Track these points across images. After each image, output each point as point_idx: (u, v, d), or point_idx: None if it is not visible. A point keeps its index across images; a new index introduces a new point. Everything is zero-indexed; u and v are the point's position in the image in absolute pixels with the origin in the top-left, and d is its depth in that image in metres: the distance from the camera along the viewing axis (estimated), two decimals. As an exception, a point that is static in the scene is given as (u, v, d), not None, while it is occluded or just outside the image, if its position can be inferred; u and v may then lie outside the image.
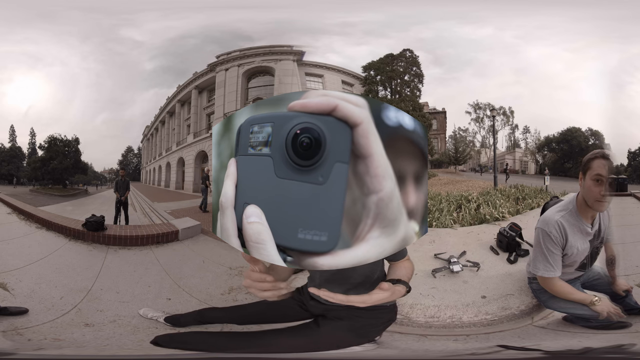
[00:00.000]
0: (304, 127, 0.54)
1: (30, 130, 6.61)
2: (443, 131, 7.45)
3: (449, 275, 2.86)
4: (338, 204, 0.54)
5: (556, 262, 1.98)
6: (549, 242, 1.96)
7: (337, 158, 0.54)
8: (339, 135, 0.54)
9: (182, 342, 1.73)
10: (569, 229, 1.96)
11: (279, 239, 0.56)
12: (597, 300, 1.99)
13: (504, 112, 7.27)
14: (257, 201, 0.57)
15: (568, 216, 1.98)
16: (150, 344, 1.75)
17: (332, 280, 1.49)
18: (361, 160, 0.56)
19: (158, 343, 1.72)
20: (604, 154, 1.85)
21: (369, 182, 0.56)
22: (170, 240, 4.04)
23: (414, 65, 6.68)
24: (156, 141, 8.25)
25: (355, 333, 1.58)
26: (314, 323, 1.61)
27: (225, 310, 2.00)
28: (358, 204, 0.58)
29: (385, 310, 1.61)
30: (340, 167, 0.54)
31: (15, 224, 4.34)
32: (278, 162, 0.55)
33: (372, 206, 0.57)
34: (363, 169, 0.56)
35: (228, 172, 0.59)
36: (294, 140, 0.54)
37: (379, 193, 0.56)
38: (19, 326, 2.18)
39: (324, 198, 0.54)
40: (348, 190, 0.56)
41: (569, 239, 1.96)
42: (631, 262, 2.95)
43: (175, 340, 1.79)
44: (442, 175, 7.24)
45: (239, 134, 0.59)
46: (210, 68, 6.65)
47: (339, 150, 0.54)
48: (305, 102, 0.55)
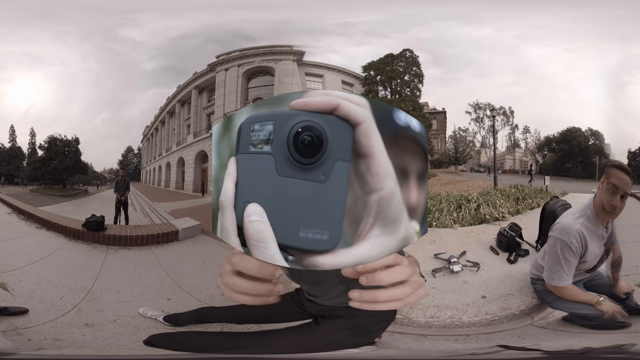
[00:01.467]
0: (305, 125, 0.54)
1: (30, 130, 6.63)
2: (443, 131, 7.46)
3: (449, 275, 2.86)
4: (339, 202, 0.54)
5: (571, 270, 1.96)
6: (568, 252, 1.92)
7: (339, 156, 0.54)
8: (340, 133, 0.54)
9: (179, 341, 1.72)
10: (588, 236, 1.93)
11: (281, 237, 0.56)
12: (603, 300, 2.00)
13: (504, 112, 7.28)
14: (258, 199, 0.57)
15: (587, 223, 1.95)
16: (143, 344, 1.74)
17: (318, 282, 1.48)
18: (362, 159, 0.56)
19: (151, 343, 1.70)
20: (626, 169, 1.88)
21: (370, 181, 0.56)
22: (170, 240, 4.04)
23: (414, 65, 6.68)
24: (156, 141, 8.25)
25: (352, 331, 1.58)
26: (314, 322, 1.61)
27: (224, 310, 2.00)
28: (359, 203, 0.58)
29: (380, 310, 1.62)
30: (342, 165, 0.54)
31: (15, 224, 4.34)
32: (279, 160, 0.55)
33: (373, 205, 0.57)
34: (364, 167, 0.56)
35: (228, 171, 0.60)
36: (296, 138, 0.54)
37: (380, 192, 0.56)
38: (19, 326, 2.18)
39: (326, 196, 0.54)
40: (349, 189, 0.56)
41: (589, 246, 1.94)
42: (631, 262, 2.95)
43: (171, 340, 1.79)
44: (442, 175, 7.24)
45: (240, 132, 0.60)
46: (210, 68, 6.65)
47: (340, 149, 0.54)
48: (307, 101, 0.56)
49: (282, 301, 1.74)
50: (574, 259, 1.93)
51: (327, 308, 1.60)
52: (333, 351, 1.62)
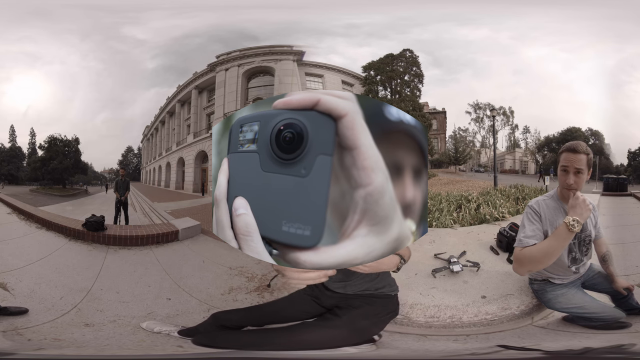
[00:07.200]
0: (287, 122, 0.56)
1: (30, 130, 6.61)
2: (443, 131, 7.45)
3: (449, 275, 2.86)
4: (321, 196, 0.54)
5: (533, 233, 1.95)
6: (529, 213, 2.06)
7: (320, 150, 0.54)
8: (321, 128, 0.55)
9: (216, 339, 1.77)
10: (546, 207, 2.06)
11: (265, 230, 0.58)
12: (573, 220, 1.76)
13: (504, 112, 7.28)
14: (245, 194, 0.60)
15: (549, 200, 2.11)
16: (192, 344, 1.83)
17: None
18: (347, 152, 0.55)
19: (200, 342, 1.81)
20: (569, 147, 2.00)
21: (356, 175, 0.54)
22: (170, 240, 4.04)
23: (414, 65, 6.68)
24: (156, 141, 8.25)
25: (370, 321, 1.65)
26: (333, 314, 1.64)
27: (240, 312, 2.00)
28: (347, 198, 0.56)
29: (390, 300, 1.70)
30: (323, 159, 0.54)
31: (15, 224, 4.34)
32: (264, 157, 0.58)
33: (359, 201, 0.55)
34: (350, 161, 0.55)
35: (221, 168, 0.62)
36: (278, 136, 0.56)
37: (367, 187, 0.54)
38: (19, 326, 2.17)
39: (307, 191, 0.55)
40: (336, 184, 0.55)
41: (546, 215, 2.04)
42: (631, 262, 2.95)
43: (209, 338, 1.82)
44: (442, 175, 7.23)
45: (231, 134, 0.63)
46: (210, 68, 6.65)
47: (322, 143, 0.54)
48: (288, 100, 0.57)
49: (298, 299, 1.79)
50: (535, 220, 2.02)
51: (345, 297, 1.65)
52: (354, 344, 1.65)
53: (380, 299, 1.67)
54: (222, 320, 1.90)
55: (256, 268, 3.26)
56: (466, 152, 7.62)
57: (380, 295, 1.67)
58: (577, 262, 2.15)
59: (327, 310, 1.70)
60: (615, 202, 5.39)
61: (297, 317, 1.72)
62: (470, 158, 7.73)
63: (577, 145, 1.99)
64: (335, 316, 1.62)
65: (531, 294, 2.41)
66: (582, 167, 1.96)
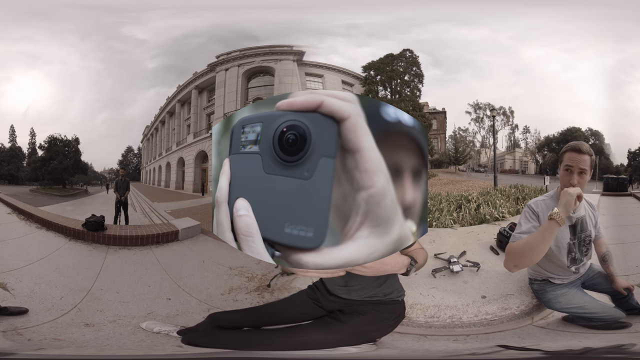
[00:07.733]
0: (290, 124, 0.55)
1: (30, 130, 6.61)
2: (443, 131, 7.45)
3: (449, 275, 2.86)
4: (324, 199, 0.54)
5: (530, 230, 1.94)
6: (527, 212, 2.05)
7: (323, 153, 0.54)
8: (324, 130, 0.55)
9: (210, 339, 1.77)
10: (546, 208, 2.01)
11: (268, 232, 0.57)
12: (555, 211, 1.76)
13: (504, 112, 7.28)
14: (247, 196, 0.59)
15: (549, 200, 2.07)
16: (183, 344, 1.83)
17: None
18: (350, 155, 0.55)
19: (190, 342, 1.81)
20: (574, 147, 1.97)
21: (358, 178, 0.55)
22: (170, 240, 4.04)
23: (414, 65, 6.68)
24: (156, 141, 8.25)
25: (376, 327, 1.62)
26: (335, 319, 1.62)
27: (240, 313, 2.00)
28: (349, 200, 0.57)
29: (397, 305, 1.67)
30: (326, 161, 0.54)
31: (15, 224, 4.34)
32: (266, 159, 0.57)
33: (361, 203, 0.56)
34: (352, 163, 0.55)
35: (223, 170, 0.62)
36: (281, 138, 0.56)
37: (369, 189, 0.55)
38: (19, 326, 2.18)
39: (310, 193, 0.55)
40: (339, 186, 0.55)
41: (546, 214, 1.92)
42: (631, 262, 2.95)
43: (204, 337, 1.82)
44: (442, 175, 7.23)
45: (232, 135, 0.63)
46: (210, 68, 6.64)
47: (325, 145, 0.54)
48: (291, 101, 0.56)
49: (299, 300, 1.77)
50: (532, 219, 2.00)
51: (350, 303, 1.63)
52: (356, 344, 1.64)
53: (388, 305, 1.63)
54: (221, 320, 1.90)
55: (256, 268, 3.26)
56: (466, 152, 7.62)
57: (388, 301, 1.63)
58: (577, 262, 2.15)
59: (327, 313, 1.69)
60: (615, 202, 5.39)
61: (298, 319, 1.72)
62: (470, 158, 7.73)
63: (582, 145, 1.96)
64: (339, 321, 1.60)
65: (531, 294, 2.41)
66: (586, 168, 1.94)
